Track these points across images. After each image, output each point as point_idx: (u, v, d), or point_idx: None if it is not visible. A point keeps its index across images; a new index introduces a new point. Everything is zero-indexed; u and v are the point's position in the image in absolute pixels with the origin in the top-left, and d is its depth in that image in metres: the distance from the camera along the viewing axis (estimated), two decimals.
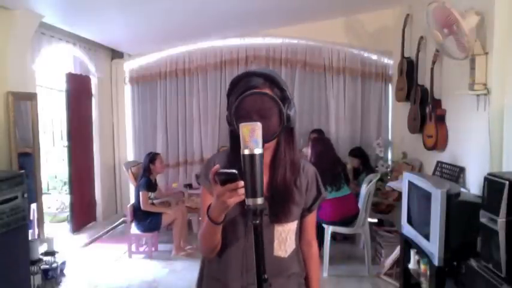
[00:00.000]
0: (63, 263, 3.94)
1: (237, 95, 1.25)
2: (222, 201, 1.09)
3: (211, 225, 1.19)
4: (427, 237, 2.82)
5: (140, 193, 4.47)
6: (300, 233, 1.45)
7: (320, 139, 4.44)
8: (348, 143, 5.50)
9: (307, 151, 5.06)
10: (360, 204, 4.00)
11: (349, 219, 3.98)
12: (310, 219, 1.46)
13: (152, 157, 4.67)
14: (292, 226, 1.36)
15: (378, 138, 5.31)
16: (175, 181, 5.77)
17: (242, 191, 1.06)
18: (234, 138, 1.28)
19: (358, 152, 5.06)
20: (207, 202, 1.24)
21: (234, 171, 1.05)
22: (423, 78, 4.27)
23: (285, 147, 1.33)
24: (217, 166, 1.07)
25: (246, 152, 1.03)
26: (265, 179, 1.32)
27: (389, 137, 5.63)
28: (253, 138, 1.02)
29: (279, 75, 1.32)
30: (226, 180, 1.06)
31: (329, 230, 3.95)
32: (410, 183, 3.18)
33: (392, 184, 4.21)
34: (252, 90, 1.22)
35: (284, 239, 1.34)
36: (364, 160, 4.99)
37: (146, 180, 4.54)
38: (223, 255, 1.33)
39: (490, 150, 2.87)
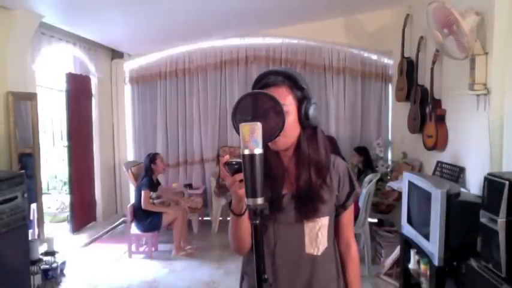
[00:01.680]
0: (63, 263, 3.94)
1: None
2: (234, 192, 1.10)
3: (233, 217, 1.20)
4: (427, 237, 2.82)
5: (142, 192, 4.47)
6: (337, 232, 1.41)
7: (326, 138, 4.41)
8: (348, 143, 5.50)
9: None
10: (360, 204, 4.00)
11: None
12: (347, 217, 1.41)
13: (153, 157, 4.68)
14: (323, 222, 1.33)
15: (378, 138, 5.31)
16: (175, 181, 5.77)
17: None
18: None
19: (363, 151, 5.06)
20: None
21: (240, 160, 1.05)
22: (423, 78, 4.27)
23: (308, 147, 1.31)
24: (226, 156, 1.08)
25: (246, 152, 1.03)
26: (292, 177, 1.32)
27: (389, 137, 5.63)
28: (253, 138, 1.02)
29: (298, 74, 1.32)
30: (237, 170, 1.06)
31: None
32: (410, 183, 3.18)
33: (392, 184, 4.21)
34: (254, 90, 1.22)
35: (315, 235, 1.31)
36: (366, 160, 4.99)
37: (148, 179, 4.54)
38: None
39: (490, 150, 2.87)
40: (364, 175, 4.56)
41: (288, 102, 1.25)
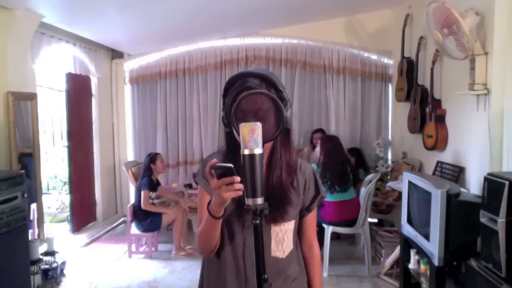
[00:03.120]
0: (63, 263, 3.94)
1: (233, 95, 1.23)
2: (218, 195, 1.08)
3: (210, 219, 1.17)
4: (427, 237, 2.82)
5: (142, 192, 4.47)
6: (300, 233, 1.44)
7: (329, 137, 4.37)
8: (348, 143, 5.50)
9: (309, 151, 5.07)
10: (360, 204, 4.00)
11: (349, 221, 4.00)
12: (310, 219, 1.43)
13: (153, 157, 4.68)
14: (289, 226, 1.34)
15: (378, 138, 5.32)
16: (175, 181, 5.77)
17: (238, 186, 1.05)
18: (231, 138, 1.28)
19: (354, 151, 5.09)
20: (204, 200, 1.24)
21: (230, 165, 1.04)
22: (423, 78, 4.27)
23: (281, 148, 1.31)
24: (214, 160, 1.07)
25: (246, 152, 1.03)
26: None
27: (390, 137, 5.63)
28: (253, 138, 1.02)
29: (275, 76, 1.29)
30: (223, 174, 1.05)
31: (329, 230, 3.96)
32: (410, 183, 3.18)
33: (392, 184, 4.21)
34: (254, 90, 1.20)
35: (281, 239, 1.33)
36: (358, 160, 5.01)
37: (148, 179, 4.54)
38: (222, 256, 1.33)
39: (490, 150, 2.87)
40: (357, 174, 4.54)
41: (267, 105, 1.20)
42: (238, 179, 1.05)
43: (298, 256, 1.42)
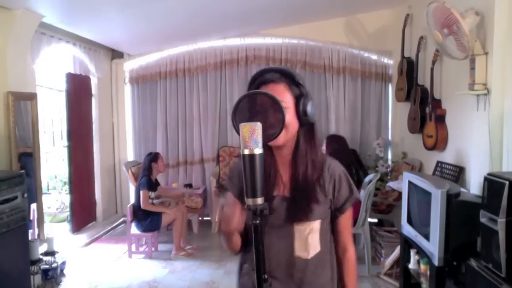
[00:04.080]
0: (63, 263, 3.94)
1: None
2: (224, 230, 1.20)
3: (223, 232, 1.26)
4: (427, 237, 2.82)
5: (141, 192, 4.47)
6: (334, 236, 1.40)
7: (336, 138, 4.36)
8: (348, 143, 5.48)
9: None
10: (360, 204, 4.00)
11: None
12: (344, 221, 1.38)
13: (154, 156, 4.68)
14: (314, 225, 1.30)
15: (378, 138, 5.32)
16: (175, 181, 5.77)
17: (234, 223, 1.18)
18: None
19: (353, 154, 5.09)
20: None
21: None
22: (423, 78, 4.27)
23: (305, 144, 1.30)
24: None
25: (246, 152, 1.03)
26: (286, 177, 1.32)
27: (390, 137, 5.63)
28: (253, 138, 1.02)
29: (295, 71, 1.32)
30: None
31: None
32: (410, 183, 3.18)
33: (392, 184, 4.21)
34: (254, 91, 1.21)
35: (305, 239, 1.30)
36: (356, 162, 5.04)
37: (147, 179, 4.54)
38: (249, 254, 1.36)
39: (490, 150, 2.87)
40: (360, 175, 4.54)
41: (287, 99, 1.25)
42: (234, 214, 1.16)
43: (330, 260, 1.37)
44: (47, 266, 3.66)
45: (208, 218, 5.65)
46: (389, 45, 5.36)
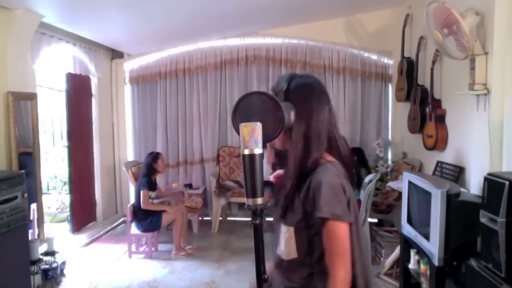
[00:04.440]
0: (63, 263, 3.94)
1: None
2: None
3: None
4: (427, 237, 2.82)
5: (141, 192, 4.47)
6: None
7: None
8: (348, 143, 5.48)
9: None
10: (361, 204, 4.00)
11: None
12: (325, 240, 1.21)
13: (155, 156, 4.68)
14: (288, 230, 1.28)
15: (378, 138, 5.31)
16: (175, 181, 5.77)
17: None
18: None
19: (356, 151, 5.09)
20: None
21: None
22: (423, 78, 4.27)
23: (290, 148, 1.29)
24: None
25: (246, 152, 1.03)
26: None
27: (390, 137, 5.63)
28: (253, 138, 1.02)
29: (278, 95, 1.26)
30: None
31: None
32: (410, 183, 3.18)
33: (392, 184, 4.21)
34: (254, 91, 1.22)
35: (284, 240, 1.30)
36: (359, 160, 5.02)
37: (147, 179, 4.54)
38: None
39: (490, 150, 2.87)
40: (360, 175, 4.55)
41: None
42: None
43: (306, 271, 1.28)
44: (47, 266, 3.66)
45: (208, 218, 5.65)
46: (389, 45, 5.36)
